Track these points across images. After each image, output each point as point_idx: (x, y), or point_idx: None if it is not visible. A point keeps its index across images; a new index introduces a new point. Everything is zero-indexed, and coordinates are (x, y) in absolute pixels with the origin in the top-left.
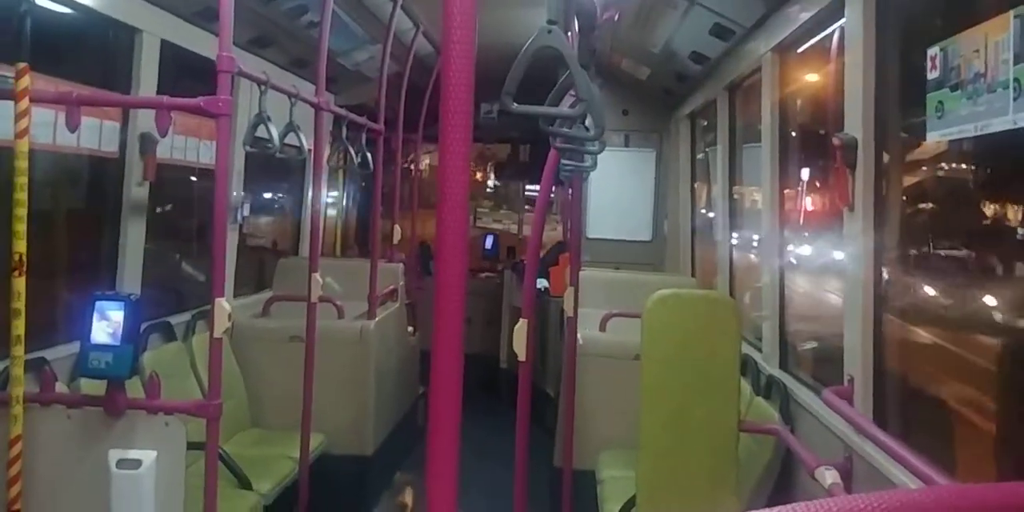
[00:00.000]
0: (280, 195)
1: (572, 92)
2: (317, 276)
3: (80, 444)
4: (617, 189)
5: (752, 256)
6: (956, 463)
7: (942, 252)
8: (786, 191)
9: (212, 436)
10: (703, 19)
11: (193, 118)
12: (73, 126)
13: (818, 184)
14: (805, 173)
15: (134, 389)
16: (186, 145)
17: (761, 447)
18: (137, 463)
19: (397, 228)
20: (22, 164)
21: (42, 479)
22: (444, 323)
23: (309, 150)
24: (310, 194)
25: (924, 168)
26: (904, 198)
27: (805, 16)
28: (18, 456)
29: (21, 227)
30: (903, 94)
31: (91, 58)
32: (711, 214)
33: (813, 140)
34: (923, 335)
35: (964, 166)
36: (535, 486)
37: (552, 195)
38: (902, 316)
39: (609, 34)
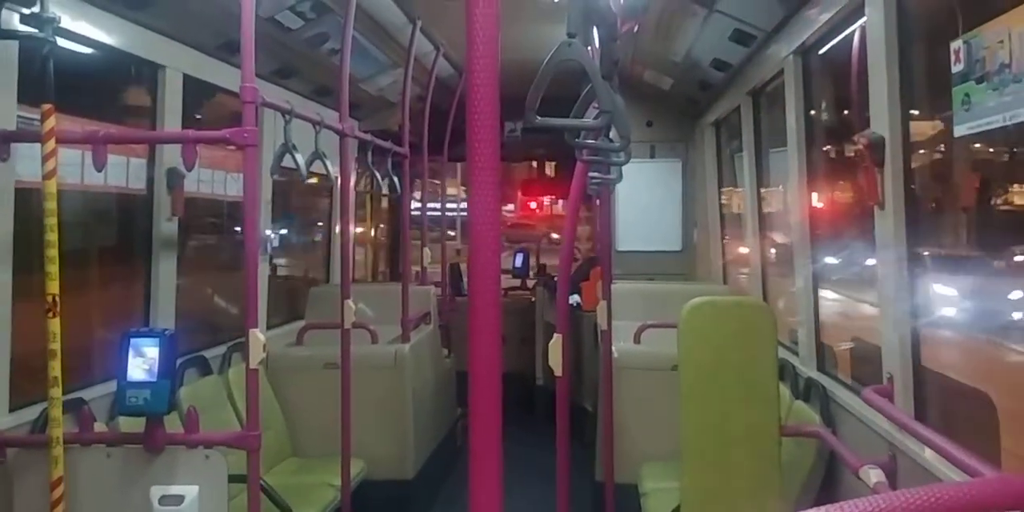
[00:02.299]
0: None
1: (595, 105)
2: (350, 302)
3: (122, 482)
4: (645, 200)
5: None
6: (1001, 457)
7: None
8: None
9: (253, 467)
10: (723, 25)
11: (219, 151)
12: (100, 164)
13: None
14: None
15: (172, 424)
16: (213, 178)
17: (804, 450)
18: (180, 499)
19: (427, 251)
20: (51, 205)
21: None
22: (480, 343)
23: (335, 177)
24: (339, 221)
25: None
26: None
27: (825, 17)
28: (60, 498)
29: (53, 268)
30: (928, 90)
31: (115, 96)
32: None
33: (838, 140)
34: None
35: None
36: (578, 501)
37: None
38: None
39: (630, 46)
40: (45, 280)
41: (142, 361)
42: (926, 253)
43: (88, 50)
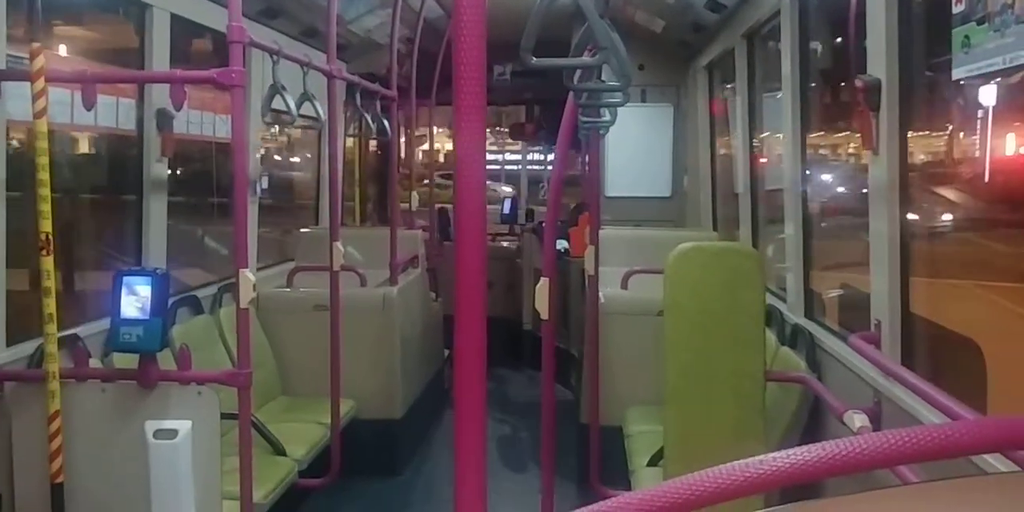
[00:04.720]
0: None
1: (590, 47)
2: (338, 245)
3: (116, 417)
4: (635, 146)
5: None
6: (987, 405)
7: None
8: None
9: (244, 404)
10: None
11: (208, 93)
12: (89, 104)
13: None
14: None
15: (166, 362)
16: (202, 120)
17: (788, 396)
18: (173, 433)
19: (414, 195)
20: (43, 144)
21: (82, 452)
22: (466, 286)
23: (324, 120)
24: (327, 164)
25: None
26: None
27: None
28: (58, 431)
29: (45, 207)
30: (927, 31)
31: (103, 35)
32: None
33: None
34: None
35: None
36: (563, 443)
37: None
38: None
39: None
40: (38, 218)
41: (135, 299)
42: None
43: None
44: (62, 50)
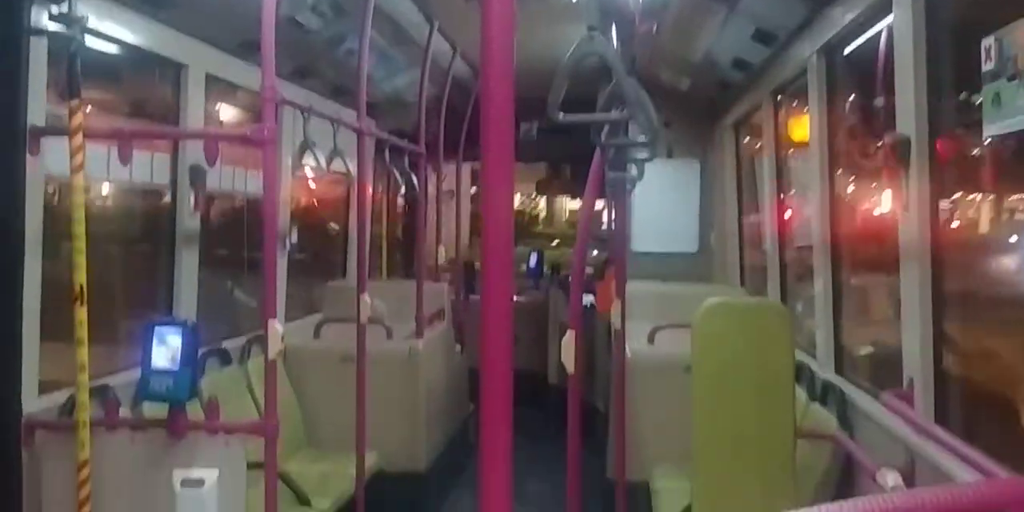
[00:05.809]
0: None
1: (617, 104)
2: (366, 297)
3: (145, 465)
4: (661, 202)
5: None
6: None
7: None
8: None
9: (271, 454)
10: (744, 25)
11: (239, 150)
12: (125, 159)
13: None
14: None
15: (194, 412)
16: (234, 175)
17: (819, 454)
18: (200, 482)
19: (441, 249)
20: (78, 198)
21: (110, 500)
22: (492, 340)
23: (353, 175)
24: (355, 218)
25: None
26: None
27: (850, 16)
28: (87, 479)
29: (80, 259)
30: (956, 89)
31: (139, 93)
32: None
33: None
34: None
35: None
36: (588, 499)
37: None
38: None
39: (648, 45)
40: (73, 270)
41: (165, 350)
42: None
43: (114, 48)
44: (99, 107)
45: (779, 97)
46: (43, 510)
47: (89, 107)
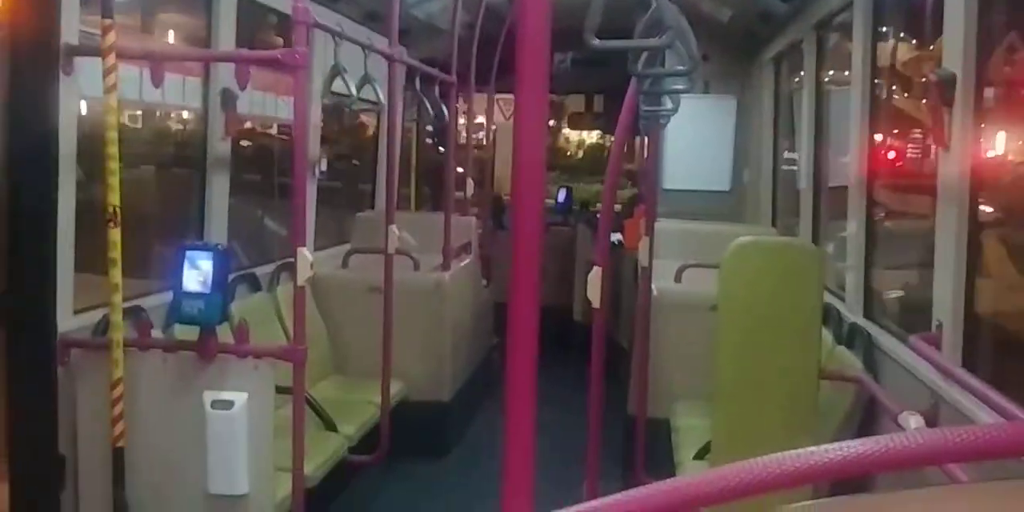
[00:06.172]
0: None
1: (656, 33)
2: (393, 228)
3: (176, 386)
4: (695, 138)
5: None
6: None
7: None
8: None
9: (298, 379)
10: None
11: (271, 75)
12: (157, 81)
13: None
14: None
15: (224, 336)
16: (264, 101)
17: (842, 396)
18: (230, 404)
19: (470, 182)
20: (112, 119)
21: (142, 418)
22: (521, 273)
23: (383, 104)
24: (385, 147)
25: None
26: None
27: None
28: (120, 397)
29: (114, 180)
30: (1006, 27)
31: (171, 18)
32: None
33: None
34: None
35: None
36: (609, 433)
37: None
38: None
39: None
40: (107, 191)
41: (197, 273)
42: None
43: None
44: (131, 31)
45: (822, 31)
46: (77, 425)
47: (122, 30)
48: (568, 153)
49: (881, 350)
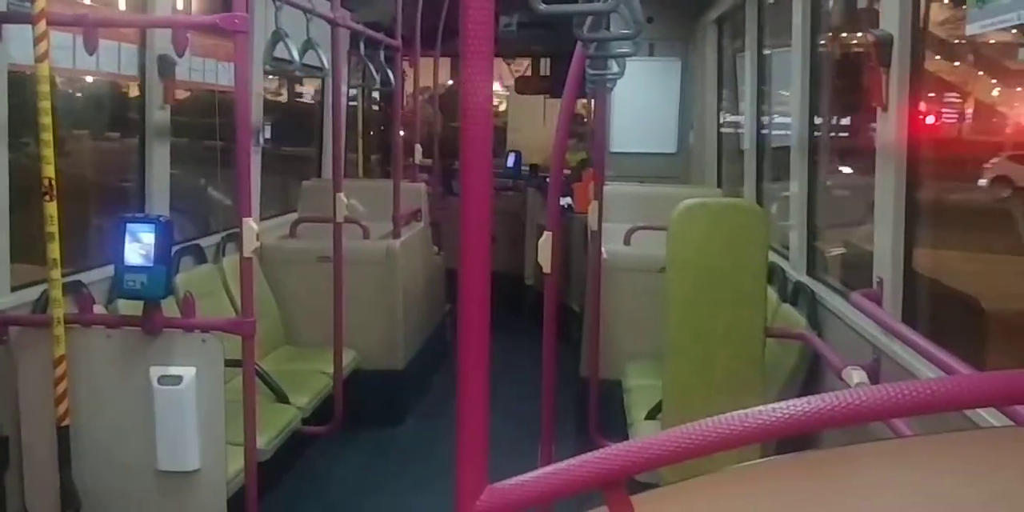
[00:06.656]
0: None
1: None
2: (341, 196)
3: (121, 362)
4: (641, 101)
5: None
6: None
7: None
8: None
9: (248, 352)
10: None
11: (210, 39)
12: (91, 48)
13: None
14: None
15: (170, 310)
16: (204, 67)
17: (787, 353)
18: (178, 379)
19: (418, 147)
20: (44, 88)
21: (87, 396)
22: (471, 239)
23: (327, 69)
24: (330, 114)
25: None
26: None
27: None
28: (63, 375)
29: (48, 152)
30: None
31: None
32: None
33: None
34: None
35: None
36: (563, 396)
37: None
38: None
39: None
40: (41, 163)
41: (139, 247)
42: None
43: None
44: None
45: None
46: (20, 405)
47: None
48: None
49: (824, 307)
